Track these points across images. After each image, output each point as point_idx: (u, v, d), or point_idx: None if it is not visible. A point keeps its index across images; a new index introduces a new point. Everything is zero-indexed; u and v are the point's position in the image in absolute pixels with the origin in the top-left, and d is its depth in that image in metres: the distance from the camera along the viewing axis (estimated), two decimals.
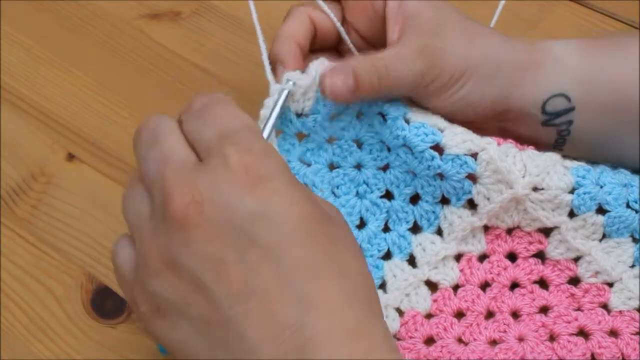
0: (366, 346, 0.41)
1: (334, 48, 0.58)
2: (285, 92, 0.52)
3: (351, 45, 0.56)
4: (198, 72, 0.69)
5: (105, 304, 0.56)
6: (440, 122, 0.53)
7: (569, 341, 0.53)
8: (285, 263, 0.41)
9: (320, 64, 0.53)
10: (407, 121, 0.53)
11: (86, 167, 0.64)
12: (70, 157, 0.64)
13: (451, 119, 0.54)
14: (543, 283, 0.55)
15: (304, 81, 0.52)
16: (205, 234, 0.41)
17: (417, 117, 0.53)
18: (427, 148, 0.52)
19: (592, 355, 0.52)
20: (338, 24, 0.56)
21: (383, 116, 0.54)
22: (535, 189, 0.53)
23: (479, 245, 0.56)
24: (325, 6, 0.55)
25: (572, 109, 0.53)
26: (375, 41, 0.56)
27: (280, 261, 0.41)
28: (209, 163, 0.42)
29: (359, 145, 0.55)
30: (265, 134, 0.50)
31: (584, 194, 0.52)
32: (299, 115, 0.53)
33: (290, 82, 0.52)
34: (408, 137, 0.53)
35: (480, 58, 0.53)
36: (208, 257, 0.41)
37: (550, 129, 0.54)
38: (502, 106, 0.54)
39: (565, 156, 0.54)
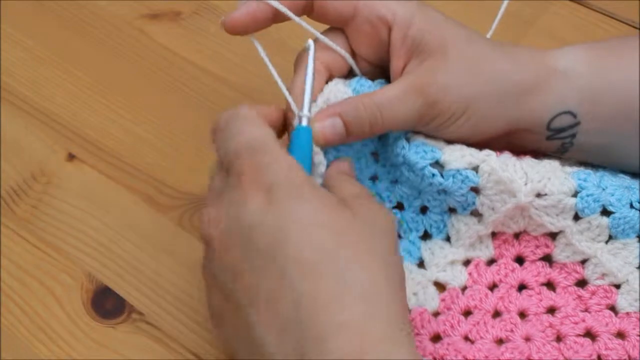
0: (364, 343, 0.42)
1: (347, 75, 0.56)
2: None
3: (361, 76, 0.55)
4: (198, 72, 0.69)
5: (105, 304, 0.56)
6: (441, 142, 0.53)
7: (575, 342, 0.53)
8: (282, 265, 0.43)
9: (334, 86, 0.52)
10: (408, 140, 0.53)
11: (86, 167, 0.64)
12: (70, 157, 0.64)
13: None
14: (550, 285, 0.55)
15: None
16: (223, 246, 0.46)
17: (418, 137, 0.53)
18: (427, 165, 0.52)
19: (599, 356, 0.52)
20: (352, 63, 0.54)
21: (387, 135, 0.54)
22: (538, 195, 0.53)
23: (486, 250, 0.56)
24: (338, 48, 0.53)
25: (577, 124, 0.53)
26: (385, 65, 0.54)
27: (277, 263, 0.44)
28: (229, 180, 0.47)
29: (377, 157, 0.56)
30: (305, 109, 0.51)
31: (587, 196, 0.52)
32: None
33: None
34: (407, 155, 0.53)
35: (482, 92, 0.52)
36: (227, 267, 0.45)
37: (554, 141, 0.54)
38: (507, 130, 0.53)
39: (563, 162, 0.54)
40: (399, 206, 0.57)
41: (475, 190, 0.53)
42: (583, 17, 0.71)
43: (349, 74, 0.55)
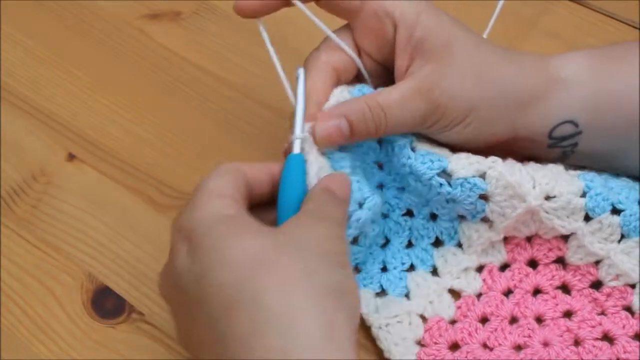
0: None
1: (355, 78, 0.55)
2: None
3: (369, 80, 0.55)
4: (198, 72, 0.69)
5: (105, 304, 0.56)
6: (446, 151, 0.53)
7: (594, 346, 0.52)
8: (208, 308, 0.44)
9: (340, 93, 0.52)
10: (413, 149, 0.53)
11: (86, 167, 0.64)
12: (70, 157, 0.64)
13: (456, 149, 0.54)
14: (565, 288, 0.55)
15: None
16: (168, 299, 0.49)
17: (423, 145, 0.53)
18: (435, 175, 0.52)
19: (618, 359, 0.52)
20: (361, 66, 0.54)
21: (390, 144, 0.54)
22: (547, 198, 0.52)
23: (499, 255, 0.56)
24: (349, 49, 0.53)
25: (579, 133, 0.53)
26: (389, 65, 0.54)
27: (204, 308, 0.45)
28: None
29: (380, 166, 0.55)
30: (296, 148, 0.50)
31: (596, 195, 0.52)
32: None
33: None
34: (414, 165, 0.52)
35: (486, 98, 0.52)
36: (175, 315, 0.49)
37: (555, 149, 0.54)
38: (508, 136, 0.53)
39: (566, 166, 0.54)
40: (409, 213, 0.56)
41: (484, 197, 0.53)
42: (583, 17, 0.71)
43: (356, 79, 0.55)
